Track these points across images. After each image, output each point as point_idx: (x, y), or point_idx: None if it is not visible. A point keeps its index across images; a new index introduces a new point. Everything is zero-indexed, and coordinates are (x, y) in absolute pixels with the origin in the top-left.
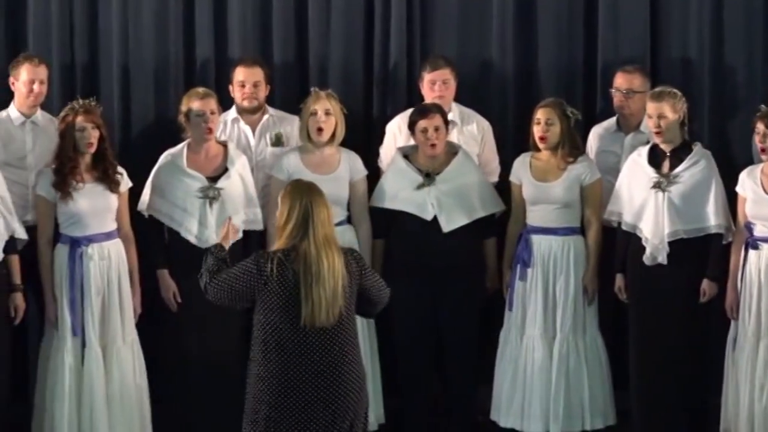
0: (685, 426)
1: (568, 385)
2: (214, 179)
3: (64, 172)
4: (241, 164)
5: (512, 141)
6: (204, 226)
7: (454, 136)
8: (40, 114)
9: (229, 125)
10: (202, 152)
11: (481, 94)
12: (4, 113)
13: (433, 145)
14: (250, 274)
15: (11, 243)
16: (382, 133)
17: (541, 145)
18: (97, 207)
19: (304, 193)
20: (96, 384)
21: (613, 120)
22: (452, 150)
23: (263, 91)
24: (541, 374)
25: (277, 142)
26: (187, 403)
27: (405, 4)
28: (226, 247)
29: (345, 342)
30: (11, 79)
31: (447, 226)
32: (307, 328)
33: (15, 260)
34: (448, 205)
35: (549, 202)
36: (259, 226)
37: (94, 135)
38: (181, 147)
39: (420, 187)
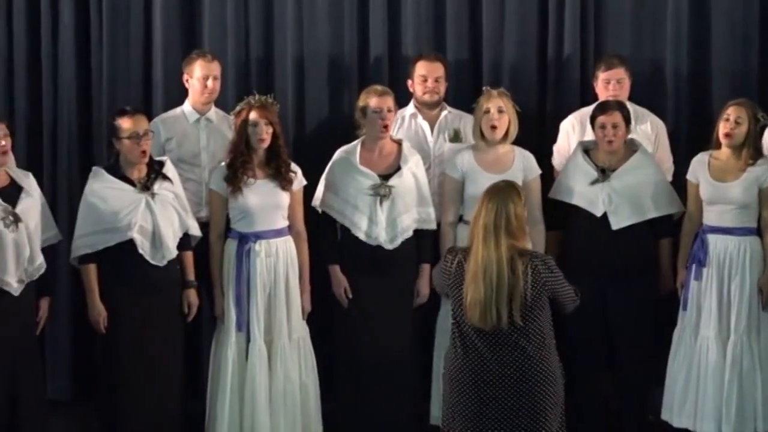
0: None
1: (740, 386)
2: (386, 177)
3: (235, 167)
4: (415, 163)
5: (685, 141)
6: (374, 224)
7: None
8: (214, 111)
9: (407, 120)
10: (376, 150)
11: (655, 94)
12: (178, 110)
13: (610, 142)
14: (441, 269)
15: (186, 240)
16: (556, 132)
17: (724, 142)
18: (266, 203)
19: (488, 194)
20: (258, 379)
21: None
22: (633, 147)
23: (443, 87)
24: (714, 375)
25: (455, 137)
26: (359, 400)
27: (579, 3)
28: None
29: (521, 348)
30: (185, 76)
31: (616, 223)
32: (476, 329)
33: (189, 257)
34: (620, 202)
35: (726, 203)
36: (432, 225)
37: (267, 131)
38: (356, 144)
39: (594, 182)
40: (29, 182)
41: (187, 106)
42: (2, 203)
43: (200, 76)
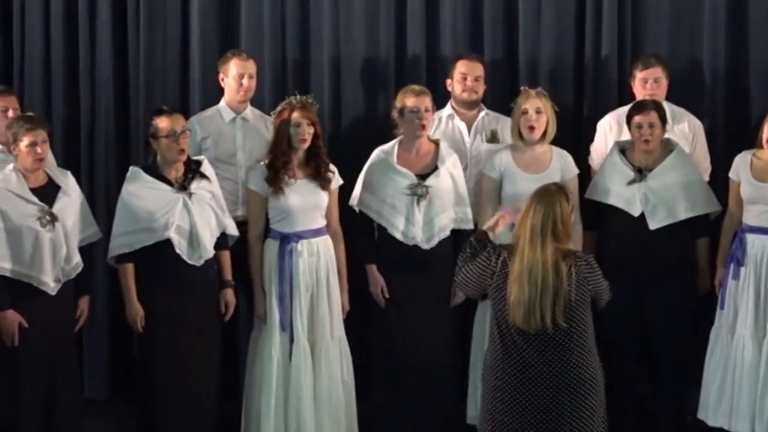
0: None
1: None
2: (423, 177)
3: (276, 167)
4: (452, 163)
5: (722, 141)
6: (411, 223)
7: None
8: (250, 110)
9: (444, 121)
10: (413, 149)
11: (692, 93)
12: (214, 109)
13: (646, 141)
14: (482, 267)
15: (222, 239)
16: (593, 131)
17: (766, 147)
18: (307, 203)
19: (537, 195)
20: (303, 379)
21: None
22: (669, 147)
23: (482, 87)
24: (749, 374)
25: (492, 138)
26: (396, 400)
27: (616, 2)
28: (491, 235)
29: (563, 349)
30: (221, 75)
31: (653, 223)
32: (519, 329)
33: (226, 256)
34: (657, 202)
35: (766, 203)
36: (469, 225)
37: (308, 131)
38: (393, 144)
39: (631, 182)
40: (67, 181)
41: (222, 105)
42: (39, 203)
43: (235, 74)
